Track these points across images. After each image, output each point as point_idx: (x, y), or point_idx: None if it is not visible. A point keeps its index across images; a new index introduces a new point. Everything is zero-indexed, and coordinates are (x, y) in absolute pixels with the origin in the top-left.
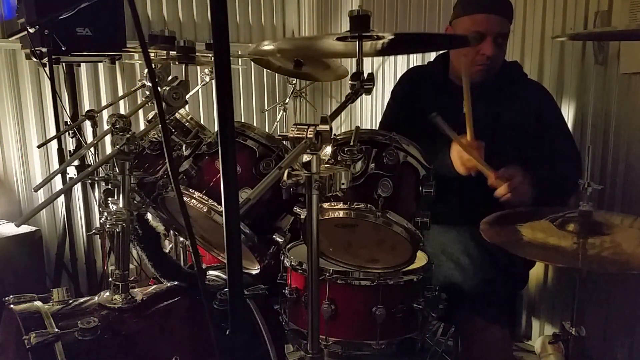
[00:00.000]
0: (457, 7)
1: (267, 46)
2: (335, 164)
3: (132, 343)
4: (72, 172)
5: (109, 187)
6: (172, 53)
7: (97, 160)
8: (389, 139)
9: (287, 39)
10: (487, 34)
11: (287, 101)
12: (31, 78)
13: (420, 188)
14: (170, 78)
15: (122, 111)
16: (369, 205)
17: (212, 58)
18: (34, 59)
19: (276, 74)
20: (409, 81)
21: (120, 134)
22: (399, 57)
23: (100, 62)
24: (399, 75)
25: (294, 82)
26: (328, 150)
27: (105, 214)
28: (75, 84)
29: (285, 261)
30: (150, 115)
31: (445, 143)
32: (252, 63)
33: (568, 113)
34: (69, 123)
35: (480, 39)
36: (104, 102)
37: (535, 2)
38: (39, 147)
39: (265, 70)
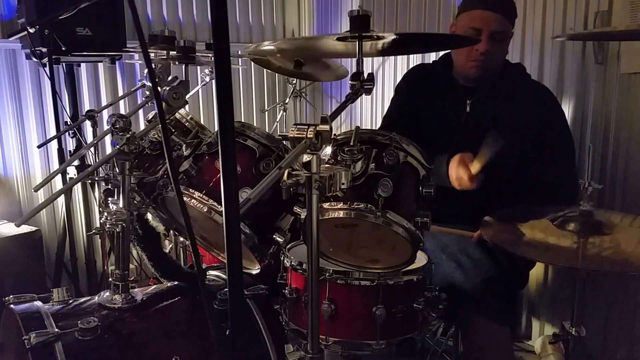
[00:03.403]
0: (460, 5)
1: (267, 46)
2: (335, 164)
3: (132, 343)
4: (72, 172)
5: (109, 187)
6: (172, 53)
7: (97, 160)
8: (389, 139)
9: (287, 39)
10: (482, 30)
11: (287, 101)
12: (31, 78)
13: (420, 188)
14: (170, 78)
15: (122, 111)
16: (369, 205)
17: (212, 58)
18: (34, 59)
19: (276, 74)
20: (413, 78)
21: (120, 134)
22: (399, 57)
23: (100, 62)
24: (399, 76)
25: (294, 82)
26: (328, 150)
27: (105, 214)
28: (75, 84)
29: (285, 261)
30: (150, 115)
31: (443, 151)
32: (252, 63)
33: (568, 113)
34: (69, 123)
35: (477, 36)
36: (104, 102)
37: (535, 2)
38: (39, 147)
39: (265, 70)
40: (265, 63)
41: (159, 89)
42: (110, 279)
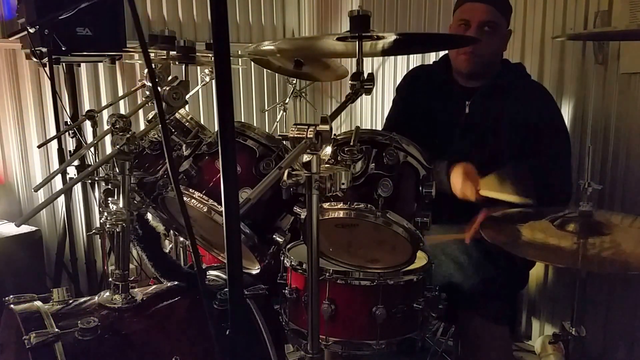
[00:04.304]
0: (455, 3)
1: (267, 46)
2: (335, 164)
3: (132, 343)
4: (72, 172)
5: (109, 187)
6: (172, 53)
7: (97, 160)
8: (389, 139)
9: (287, 39)
10: (472, 21)
11: (287, 101)
12: (31, 78)
13: (420, 188)
14: (170, 78)
15: (122, 111)
16: (369, 205)
17: (212, 58)
18: (34, 59)
19: (276, 74)
20: (414, 78)
21: (120, 134)
22: (399, 57)
23: (100, 62)
24: (399, 75)
25: (294, 82)
26: (328, 150)
27: (105, 214)
28: (75, 84)
29: (285, 261)
30: (150, 115)
31: (442, 155)
32: (252, 63)
33: (568, 113)
34: (69, 123)
35: (467, 28)
36: (104, 102)
37: (535, 2)
38: (39, 147)
39: (265, 70)
40: (265, 63)
41: (159, 89)
42: (110, 279)
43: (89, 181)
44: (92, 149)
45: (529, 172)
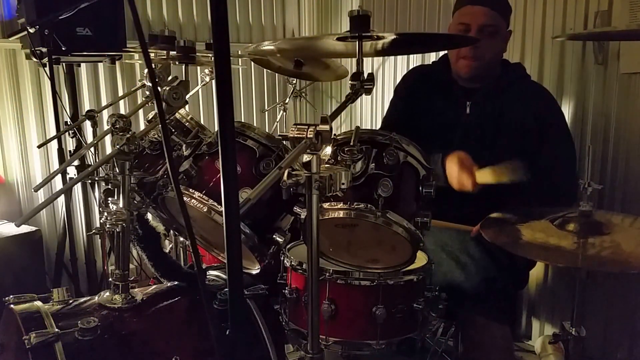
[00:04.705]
0: (454, 5)
1: (267, 46)
2: (335, 164)
3: (132, 343)
4: (72, 172)
5: (109, 187)
6: (172, 53)
7: (97, 160)
8: (389, 139)
9: (287, 39)
10: (471, 24)
11: (287, 101)
12: (31, 78)
13: (420, 188)
14: (170, 78)
15: (122, 111)
16: (369, 205)
17: (212, 58)
18: (34, 59)
19: (276, 74)
20: (413, 79)
21: (120, 134)
22: (399, 57)
23: (100, 62)
24: (399, 75)
25: (294, 82)
26: (328, 150)
27: (105, 214)
28: (75, 84)
29: (285, 261)
30: (150, 115)
31: (441, 150)
32: (252, 63)
33: (568, 113)
34: (69, 123)
35: (466, 32)
36: (104, 102)
37: (535, 2)
38: (39, 147)
39: (265, 70)
40: (265, 63)
41: (159, 89)
42: (110, 279)
43: (89, 181)
44: (92, 149)
45: (523, 162)
